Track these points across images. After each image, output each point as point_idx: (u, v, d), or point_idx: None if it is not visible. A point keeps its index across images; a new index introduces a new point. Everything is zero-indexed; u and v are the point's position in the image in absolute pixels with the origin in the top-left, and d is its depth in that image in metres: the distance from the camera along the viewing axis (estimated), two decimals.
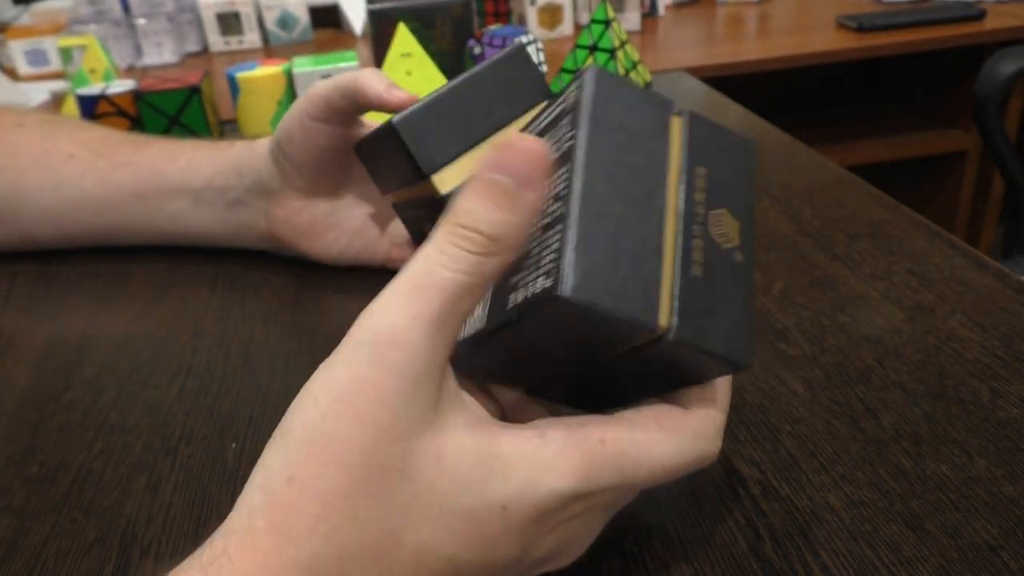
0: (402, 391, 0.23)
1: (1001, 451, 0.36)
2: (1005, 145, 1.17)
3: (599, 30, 0.91)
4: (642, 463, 0.26)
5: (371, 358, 0.23)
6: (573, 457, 0.25)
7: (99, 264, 0.57)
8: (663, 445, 0.26)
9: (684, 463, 0.27)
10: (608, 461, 0.26)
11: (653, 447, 0.26)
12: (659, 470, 0.26)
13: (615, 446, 0.26)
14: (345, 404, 0.23)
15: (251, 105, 0.84)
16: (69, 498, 0.37)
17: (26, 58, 1.41)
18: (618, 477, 0.26)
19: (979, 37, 1.47)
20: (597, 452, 0.25)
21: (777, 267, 0.52)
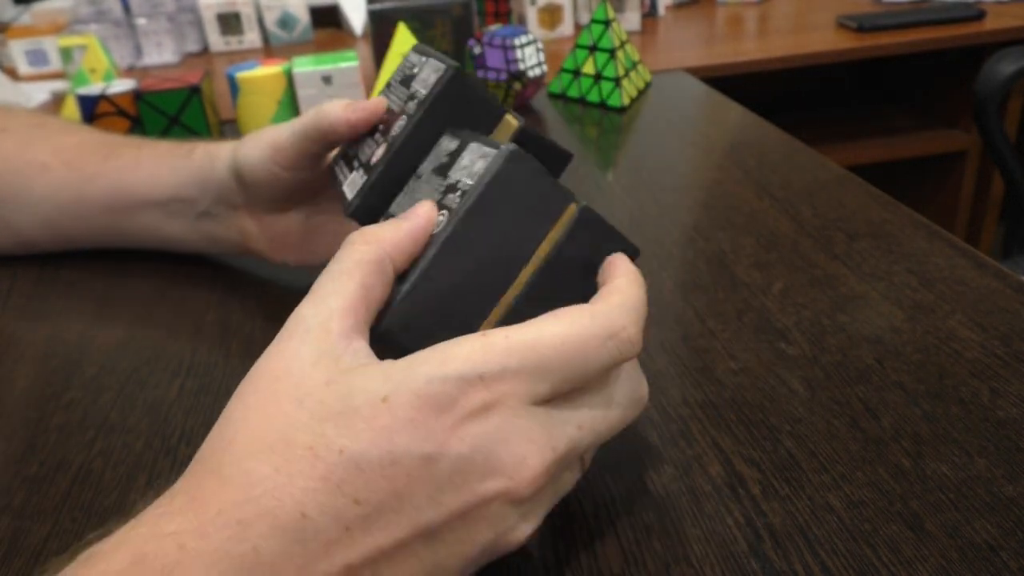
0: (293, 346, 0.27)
1: (1001, 451, 0.36)
2: (1005, 145, 1.17)
3: (599, 30, 0.91)
4: (531, 342, 0.26)
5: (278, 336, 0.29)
6: (451, 349, 0.26)
7: (99, 264, 0.57)
8: (552, 325, 0.27)
9: (584, 336, 0.27)
10: (490, 345, 0.26)
11: (543, 326, 0.27)
12: (554, 346, 0.26)
13: (498, 335, 0.26)
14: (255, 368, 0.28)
15: (251, 105, 0.84)
16: (69, 498, 0.37)
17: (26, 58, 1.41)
18: (508, 359, 0.26)
19: (979, 37, 1.47)
20: (476, 340, 0.26)
21: (777, 267, 0.52)
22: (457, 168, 0.33)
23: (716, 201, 0.62)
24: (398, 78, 0.41)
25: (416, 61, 0.40)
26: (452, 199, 0.31)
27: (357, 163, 0.41)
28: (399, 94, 0.40)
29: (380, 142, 0.39)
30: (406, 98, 0.39)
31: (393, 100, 0.41)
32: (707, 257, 0.54)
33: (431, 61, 0.39)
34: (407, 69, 0.41)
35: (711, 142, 0.76)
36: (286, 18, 1.56)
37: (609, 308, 0.28)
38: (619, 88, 0.89)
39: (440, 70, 0.37)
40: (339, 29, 1.67)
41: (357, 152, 0.41)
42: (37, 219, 0.56)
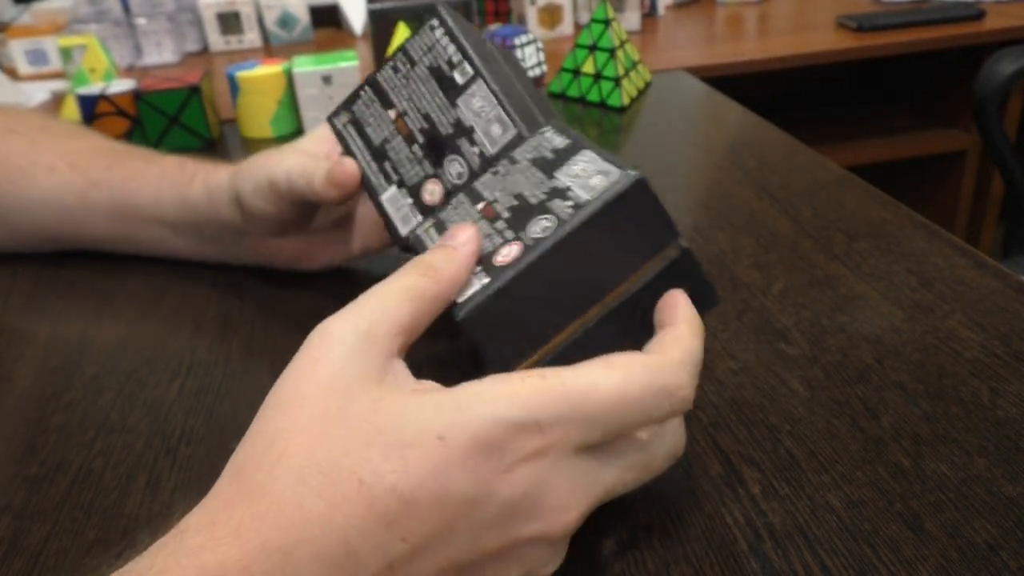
0: (341, 355, 0.27)
1: (1001, 451, 0.36)
2: (1005, 145, 1.17)
3: (599, 30, 0.91)
4: (586, 392, 0.26)
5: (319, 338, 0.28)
6: (508, 388, 0.26)
7: (99, 264, 0.57)
8: (607, 376, 0.26)
9: (639, 392, 0.26)
10: (548, 391, 0.26)
11: (599, 377, 0.26)
12: (612, 399, 0.26)
13: (556, 378, 0.26)
14: (295, 371, 0.27)
15: (251, 105, 0.84)
16: (69, 498, 0.37)
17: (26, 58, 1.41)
18: (564, 408, 0.26)
19: (979, 37, 1.47)
20: (536, 384, 0.26)
21: (777, 267, 0.52)
22: (568, 173, 0.32)
23: (716, 201, 0.62)
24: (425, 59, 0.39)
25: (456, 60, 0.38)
26: (562, 207, 0.30)
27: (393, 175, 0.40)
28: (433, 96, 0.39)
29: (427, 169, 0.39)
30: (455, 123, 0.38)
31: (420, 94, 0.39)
32: (707, 257, 0.54)
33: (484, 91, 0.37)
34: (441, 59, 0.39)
35: (711, 142, 0.76)
36: (286, 18, 1.56)
37: (670, 364, 0.28)
38: (619, 88, 0.89)
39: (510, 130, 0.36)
40: (339, 29, 1.67)
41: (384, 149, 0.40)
42: (42, 220, 0.56)
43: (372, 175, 0.41)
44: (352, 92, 0.42)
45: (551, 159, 0.33)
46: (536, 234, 0.30)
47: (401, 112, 0.40)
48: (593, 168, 0.31)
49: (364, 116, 0.41)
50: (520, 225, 0.31)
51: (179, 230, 0.54)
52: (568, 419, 0.26)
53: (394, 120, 0.40)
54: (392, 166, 0.40)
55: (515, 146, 0.36)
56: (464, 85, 0.38)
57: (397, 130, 0.40)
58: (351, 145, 0.42)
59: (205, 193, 0.50)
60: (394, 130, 0.40)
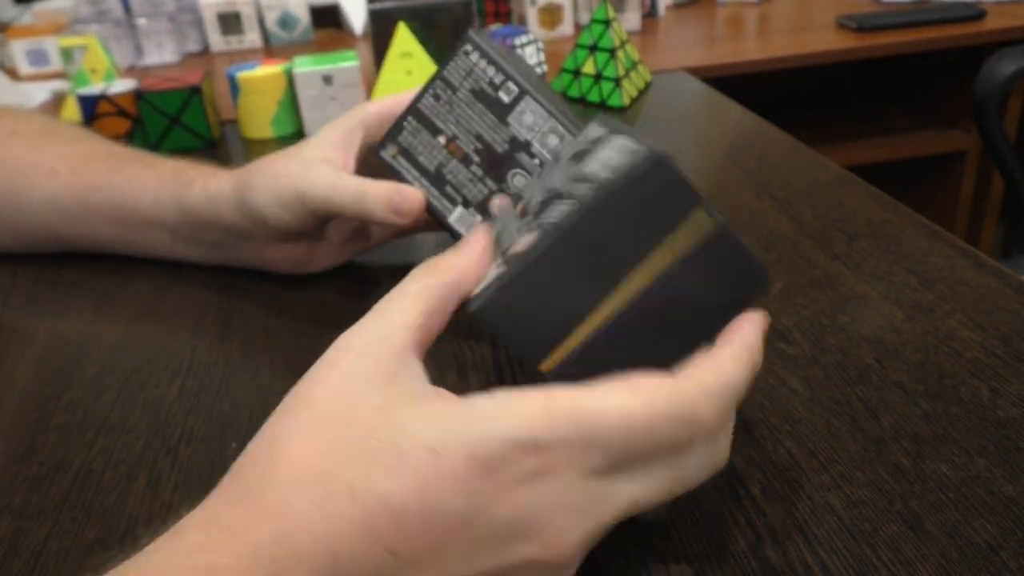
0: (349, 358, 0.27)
1: (1001, 451, 0.36)
2: (1005, 145, 1.17)
3: (599, 30, 0.91)
4: (597, 416, 0.25)
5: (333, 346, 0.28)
6: (513, 406, 0.25)
7: (99, 264, 0.57)
8: (624, 399, 0.25)
9: (655, 420, 0.25)
10: (556, 411, 0.25)
11: (612, 398, 0.25)
12: (622, 425, 0.25)
13: (566, 399, 0.25)
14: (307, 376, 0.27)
15: (251, 105, 0.84)
16: (69, 498, 0.37)
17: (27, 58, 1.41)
18: (570, 430, 0.25)
19: (979, 37, 1.47)
20: (542, 403, 0.25)
21: (777, 267, 0.52)
22: (595, 158, 0.31)
23: (716, 201, 0.62)
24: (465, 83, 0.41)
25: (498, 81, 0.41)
26: (582, 189, 0.29)
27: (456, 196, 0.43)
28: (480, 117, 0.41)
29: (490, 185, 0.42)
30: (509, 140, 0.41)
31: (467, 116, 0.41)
32: None
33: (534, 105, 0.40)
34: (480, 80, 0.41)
35: (711, 142, 0.76)
36: (286, 18, 1.56)
37: (696, 391, 0.26)
38: (619, 88, 0.89)
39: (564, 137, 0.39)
40: (339, 29, 1.67)
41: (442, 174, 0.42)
42: (42, 222, 0.56)
43: (435, 199, 0.43)
44: (395, 123, 0.44)
45: (585, 149, 0.33)
46: (551, 218, 0.29)
47: (451, 137, 0.42)
48: (617, 150, 0.30)
49: (413, 145, 0.43)
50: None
51: (179, 235, 0.54)
52: (571, 442, 0.25)
53: (445, 145, 0.42)
54: (453, 188, 0.42)
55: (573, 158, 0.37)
56: (511, 103, 0.41)
57: (451, 154, 0.42)
58: (406, 175, 0.43)
59: (205, 199, 0.50)
60: (447, 155, 0.42)
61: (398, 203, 0.42)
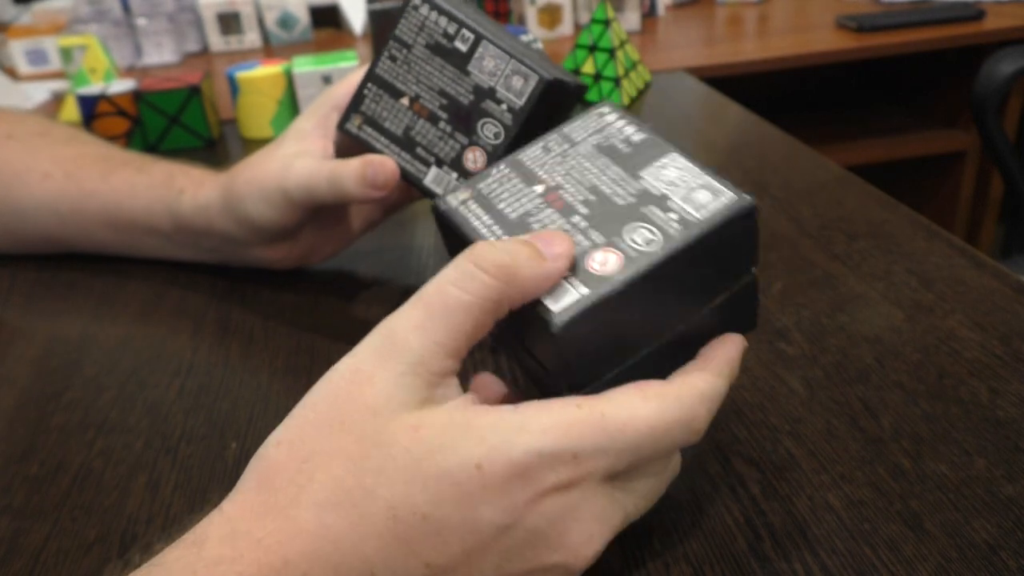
0: (388, 377, 0.26)
1: (1000, 451, 0.36)
2: (1004, 145, 1.17)
3: (599, 30, 0.91)
4: (624, 424, 0.26)
5: (371, 350, 0.27)
6: (548, 418, 0.26)
7: (99, 264, 0.57)
8: (643, 406, 0.26)
9: (666, 424, 0.27)
10: (587, 422, 0.26)
11: (633, 408, 0.26)
12: (644, 430, 0.26)
13: (594, 408, 0.26)
14: (340, 384, 0.26)
15: (251, 105, 0.84)
16: (69, 498, 0.37)
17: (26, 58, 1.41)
18: (602, 439, 0.26)
19: (979, 37, 1.47)
20: (574, 414, 0.26)
21: (777, 267, 0.52)
22: (658, 177, 0.30)
23: None
24: (419, 38, 0.40)
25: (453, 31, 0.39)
26: (665, 219, 0.29)
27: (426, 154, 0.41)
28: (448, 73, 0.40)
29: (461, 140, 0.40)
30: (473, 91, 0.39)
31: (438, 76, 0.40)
32: None
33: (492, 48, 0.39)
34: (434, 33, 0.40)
35: (711, 142, 0.76)
36: (286, 18, 1.56)
37: (695, 397, 0.28)
38: (619, 88, 0.89)
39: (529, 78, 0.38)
40: (339, 29, 1.67)
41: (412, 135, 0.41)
42: (37, 225, 0.56)
43: (407, 164, 0.41)
44: (356, 93, 0.42)
45: (628, 153, 0.32)
46: (638, 245, 0.28)
47: (414, 96, 0.40)
48: (693, 180, 0.30)
49: (377, 112, 0.42)
50: (610, 229, 0.29)
51: (175, 241, 0.54)
52: (604, 450, 0.26)
53: (409, 106, 0.41)
54: (424, 149, 0.41)
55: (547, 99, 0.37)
56: (469, 51, 0.39)
57: (416, 114, 0.41)
58: (375, 144, 0.42)
59: (195, 210, 0.50)
60: (413, 115, 0.41)
61: (371, 175, 0.41)
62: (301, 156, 0.45)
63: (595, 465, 0.26)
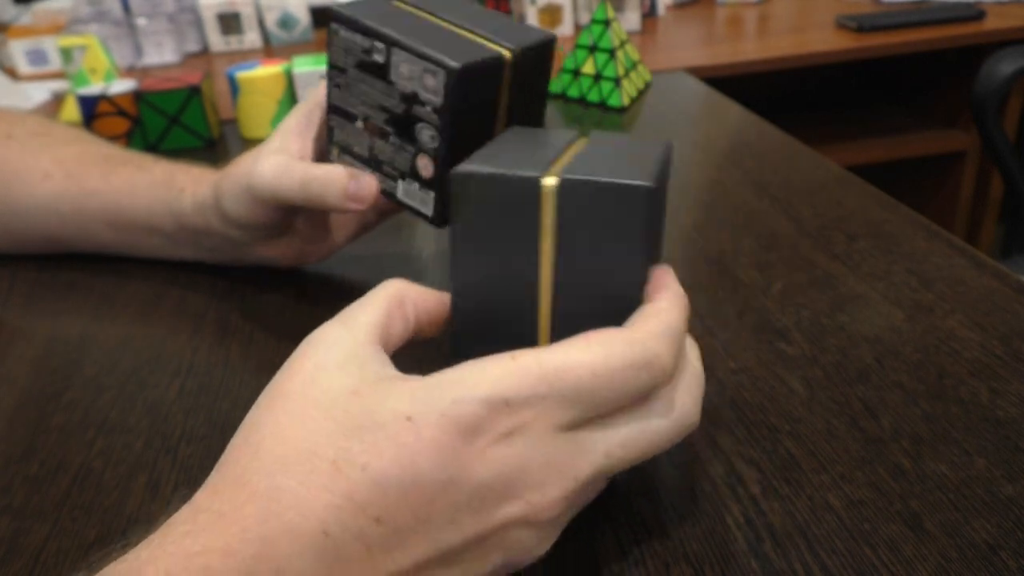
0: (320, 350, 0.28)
1: (1000, 451, 0.36)
2: (1004, 145, 1.17)
3: (599, 30, 0.91)
4: (561, 369, 0.26)
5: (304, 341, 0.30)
6: (480, 371, 0.26)
7: (99, 264, 0.57)
8: (585, 351, 0.26)
9: (617, 365, 0.26)
10: (519, 370, 0.26)
11: (571, 354, 0.26)
12: (586, 376, 0.26)
13: (529, 357, 0.26)
14: (281, 371, 0.29)
15: (251, 105, 0.84)
16: (69, 498, 0.37)
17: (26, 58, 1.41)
18: (538, 386, 0.25)
19: (979, 37, 1.47)
20: (506, 364, 0.26)
21: (777, 267, 0.52)
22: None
23: (716, 201, 0.62)
24: (348, 61, 0.41)
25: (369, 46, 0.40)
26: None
27: (393, 170, 0.41)
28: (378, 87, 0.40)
29: (409, 149, 0.40)
30: (402, 99, 0.39)
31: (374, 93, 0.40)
32: (707, 257, 0.54)
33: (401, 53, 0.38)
34: (357, 52, 0.40)
35: (711, 142, 0.76)
36: (286, 18, 1.56)
37: (645, 336, 0.27)
38: (619, 88, 0.89)
39: (437, 74, 0.37)
40: None
41: (376, 155, 0.42)
42: (38, 225, 0.56)
43: (382, 182, 0.42)
44: (328, 127, 0.44)
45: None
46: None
47: (364, 117, 0.41)
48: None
49: (344, 140, 0.43)
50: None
51: (176, 240, 0.54)
52: (541, 398, 0.26)
53: (364, 128, 0.41)
54: (388, 165, 0.41)
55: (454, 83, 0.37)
56: (386, 61, 0.39)
57: (371, 133, 0.41)
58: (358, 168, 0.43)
59: (194, 208, 0.50)
60: (369, 136, 0.41)
61: (354, 190, 0.42)
62: (272, 154, 0.45)
63: (537, 414, 0.26)
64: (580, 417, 0.26)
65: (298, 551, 0.24)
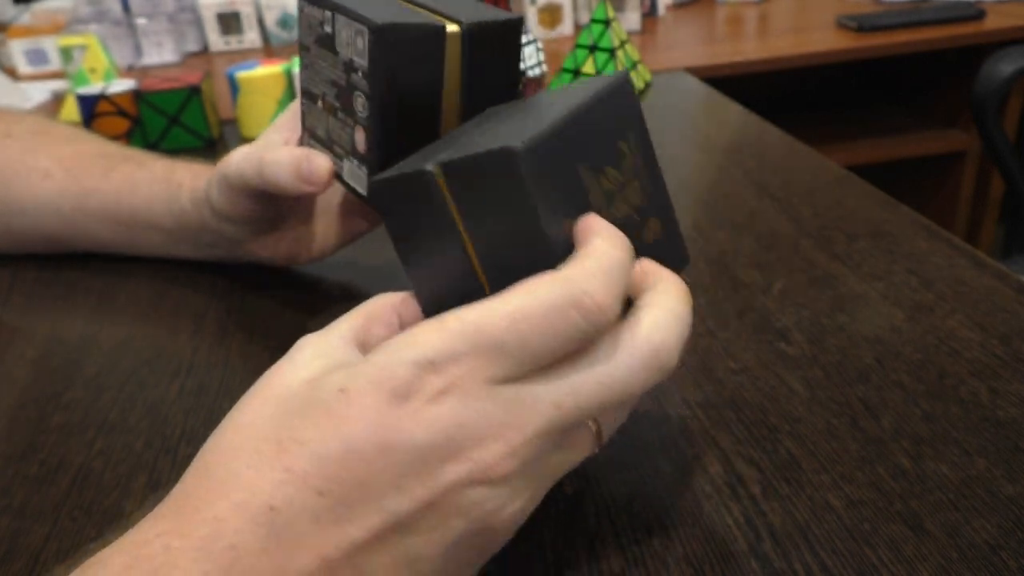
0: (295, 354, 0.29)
1: (1000, 451, 0.36)
2: (1004, 145, 1.17)
3: (599, 30, 0.91)
4: (480, 322, 0.25)
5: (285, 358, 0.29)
6: (409, 336, 0.26)
7: (99, 264, 0.57)
8: (504, 302, 0.25)
9: (536, 312, 0.25)
10: (438, 329, 0.25)
11: (489, 307, 0.25)
12: (505, 325, 0.25)
13: (454, 317, 0.26)
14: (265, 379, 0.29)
15: (251, 105, 0.84)
16: (69, 498, 0.37)
17: (26, 58, 1.41)
18: (457, 341, 0.25)
19: (979, 37, 1.47)
20: (428, 326, 0.26)
21: (777, 267, 0.52)
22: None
23: (716, 201, 0.62)
24: (310, 38, 0.40)
25: (322, 17, 0.39)
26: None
27: (340, 149, 0.40)
28: (329, 62, 0.39)
29: (349, 123, 0.38)
30: (344, 68, 0.37)
31: (326, 69, 0.39)
32: (707, 257, 0.54)
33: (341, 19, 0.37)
34: (316, 27, 0.39)
35: (711, 142, 0.76)
36: (286, 18, 1.56)
37: (573, 275, 0.26)
38: None
39: (363, 33, 0.35)
40: None
41: (329, 134, 0.41)
42: (38, 224, 0.56)
43: (335, 164, 0.41)
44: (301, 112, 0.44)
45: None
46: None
47: (322, 96, 0.40)
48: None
49: (311, 122, 0.43)
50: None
51: (176, 237, 0.54)
52: (464, 354, 0.25)
53: (322, 107, 0.41)
54: (338, 145, 0.40)
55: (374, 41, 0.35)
56: (333, 31, 0.38)
57: (327, 112, 0.40)
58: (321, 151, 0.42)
59: (192, 206, 0.50)
60: (326, 115, 0.41)
61: (307, 171, 0.41)
62: (252, 144, 0.46)
63: (464, 370, 0.25)
64: (516, 369, 0.25)
65: (249, 527, 0.24)
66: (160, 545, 0.24)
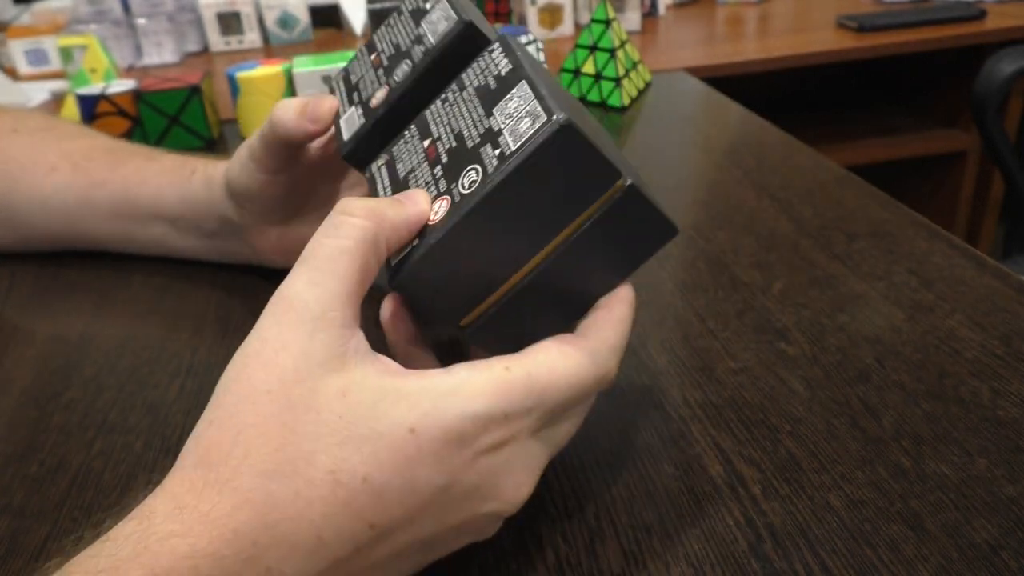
0: (299, 340, 0.26)
1: (1001, 451, 0.36)
2: (1005, 145, 1.17)
3: (599, 30, 0.91)
4: (550, 381, 0.28)
5: (273, 319, 0.28)
6: (479, 382, 0.27)
7: (99, 264, 0.57)
8: (565, 362, 0.28)
9: (586, 379, 0.29)
10: (516, 382, 0.27)
11: (556, 365, 0.28)
12: (566, 387, 0.28)
13: (520, 369, 0.28)
14: (254, 357, 0.27)
15: (251, 105, 0.84)
16: (69, 498, 0.37)
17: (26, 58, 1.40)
18: (530, 398, 0.27)
19: (979, 37, 1.47)
20: (503, 376, 0.27)
21: (777, 267, 0.52)
22: (504, 111, 0.29)
23: (716, 201, 0.62)
24: (410, 6, 0.41)
25: None
26: (490, 156, 0.28)
27: (357, 97, 0.41)
28: (407, 28, 0.40)
29: (382, 81, 0.39)
30: (413, 39, 0.39)
31: (400, 33, 0.40)
32: (707, 257, 0.54)
33: (443, 3, 0.38)
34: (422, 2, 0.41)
35: (711, 142, 0.76)
36: (286, 18, 1.56)
37: (606, 351, 0.30)
38: (619, 88, 0.89)
39: (451, 20, 0.36)
40: (339, 29, 1.67)
41: (358, 82, 0.41)
42: (44, 219, 0.56)
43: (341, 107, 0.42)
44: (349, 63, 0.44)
45: (493, 89, 0.31)
46: (464, 189, 0.28)
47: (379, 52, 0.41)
48: (524, 107, 0.29)
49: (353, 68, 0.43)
50: (453, 175, 0.29)
51: (179, 226, 0.54)
52: (532, 408, 0.27)
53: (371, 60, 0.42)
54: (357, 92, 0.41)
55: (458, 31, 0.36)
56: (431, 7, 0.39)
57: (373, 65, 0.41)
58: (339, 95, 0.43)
59: (204, 186, 0.51)
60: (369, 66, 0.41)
61: (311, 110, 0.42)
62: None
63: (525, 423, 0.28)
64: (551, 419, 0.29)
65: (290, 555, 0.24)
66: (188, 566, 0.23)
